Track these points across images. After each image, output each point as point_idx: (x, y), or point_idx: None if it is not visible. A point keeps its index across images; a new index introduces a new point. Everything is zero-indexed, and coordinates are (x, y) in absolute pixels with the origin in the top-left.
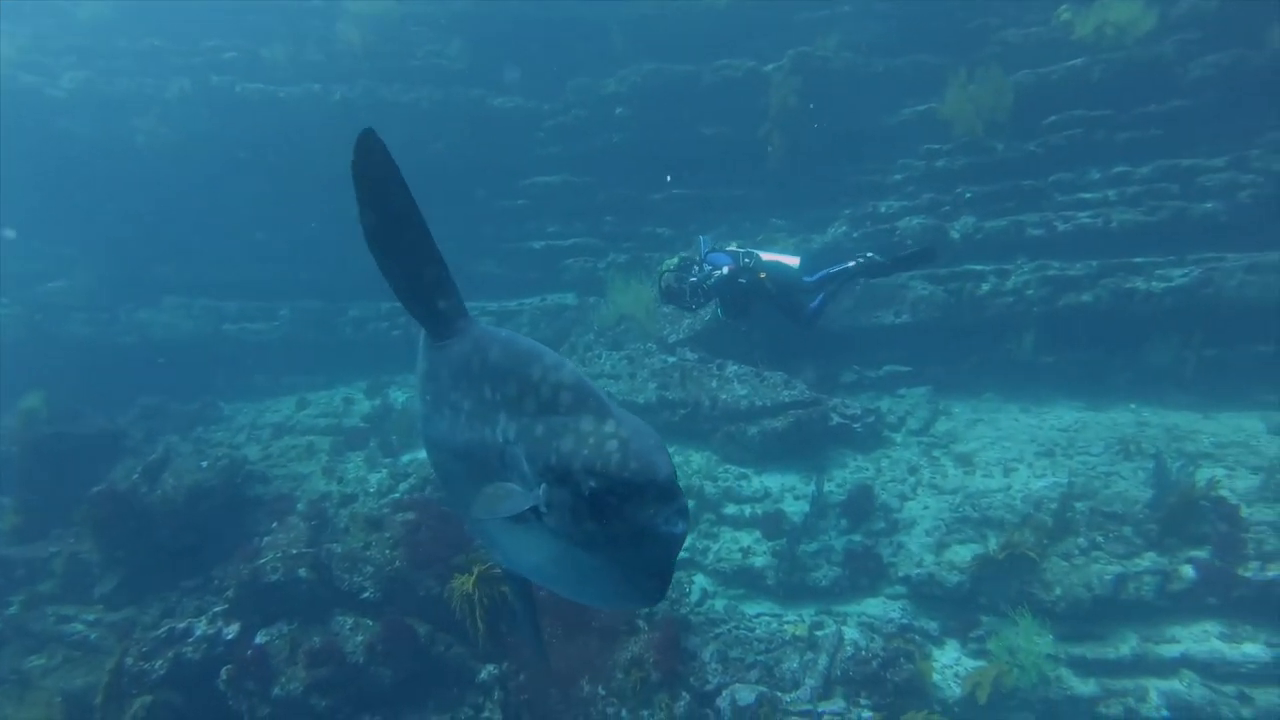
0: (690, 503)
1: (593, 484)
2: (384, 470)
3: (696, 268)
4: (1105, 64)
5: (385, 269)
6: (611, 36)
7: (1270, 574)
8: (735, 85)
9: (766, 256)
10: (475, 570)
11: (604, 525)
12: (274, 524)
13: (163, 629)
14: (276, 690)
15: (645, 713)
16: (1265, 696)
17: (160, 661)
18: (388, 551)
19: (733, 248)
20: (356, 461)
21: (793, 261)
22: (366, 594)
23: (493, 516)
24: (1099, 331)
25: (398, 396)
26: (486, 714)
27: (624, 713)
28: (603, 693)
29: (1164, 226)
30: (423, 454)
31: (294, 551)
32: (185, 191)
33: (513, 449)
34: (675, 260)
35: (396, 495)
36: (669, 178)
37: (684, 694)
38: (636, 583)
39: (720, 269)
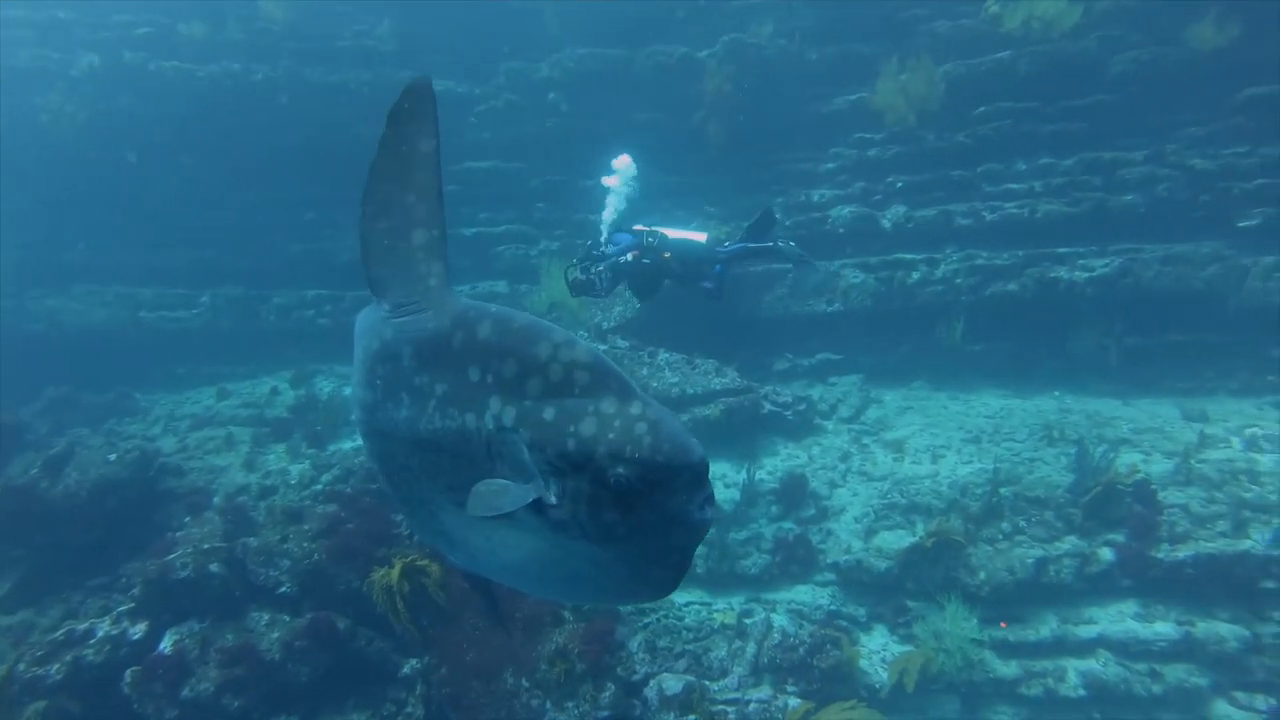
0: None
1: (621, 470)
2: (307, 461)
3: (601, 252)
4: (1032, 57)
5: (371, 223)
6: (545, 20)
7: (1180, 555)
8: (669, 71)
9: (672, 234)
10: (398, 562)
11: (628, 515)
12: (187, 518)
13: (61, 631)
14: (185, 692)
15: (570, 704)
16: (1174, 673)
17: (57, 666)
18: (307, 544)
19: (638, 227)
20: (279, 453)
21: (700, 237)
22: (284, 589)
23: (491, 513)
24: (1025, 320)
25: (324, 386)
26: (409, 709)
27: (548, 704)
28: (527, 685)
29: (1087, 217)
30: (349, 445)
31: (206, 546)
32: (96, 174)
33: (508, 436)
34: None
35: (319, 487)
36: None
37: (610, 684)
38: (647, 576)
39: (625, 251)
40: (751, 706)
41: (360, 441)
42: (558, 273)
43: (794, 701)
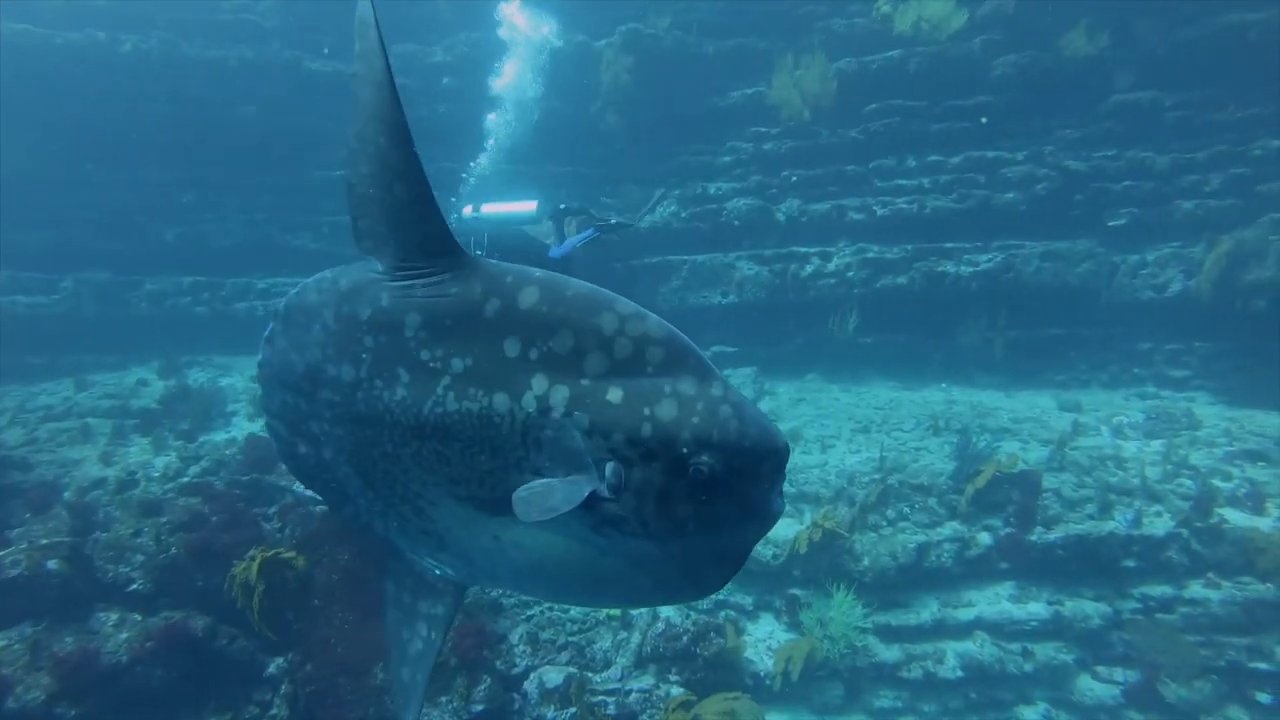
0: None
1: (705, 458)
2: (173, 454)
3: None
4: (921, 57)
5: (355, 167)
6: (439, 4)
7: (1052, 537)
8: (566, 59)
9: (490, 209)
10: (258, 555)
11: (704, 508)
12: (28, 515)
13: None
14: (10, 703)
15: (444, 699)
16: (1044, 651)
17: None
18: (164, 538)
19: (466, 210)
20: (142, 445)
21: (528, 206)
22: (136, 586)
23: (545, 517)
24: (915, 314)
25: (199, 376)
26: (274, 711)
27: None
28: None
29: (972, 214)
30: (222, 436)
31: (45, 542)
32: None
33: (556, 421)
34: None
35: (186, 480)
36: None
37: (485, 678)
38: (701, 574)
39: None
40: (632, 696)
41: (233, 433)
42: None
43: (676, 690)
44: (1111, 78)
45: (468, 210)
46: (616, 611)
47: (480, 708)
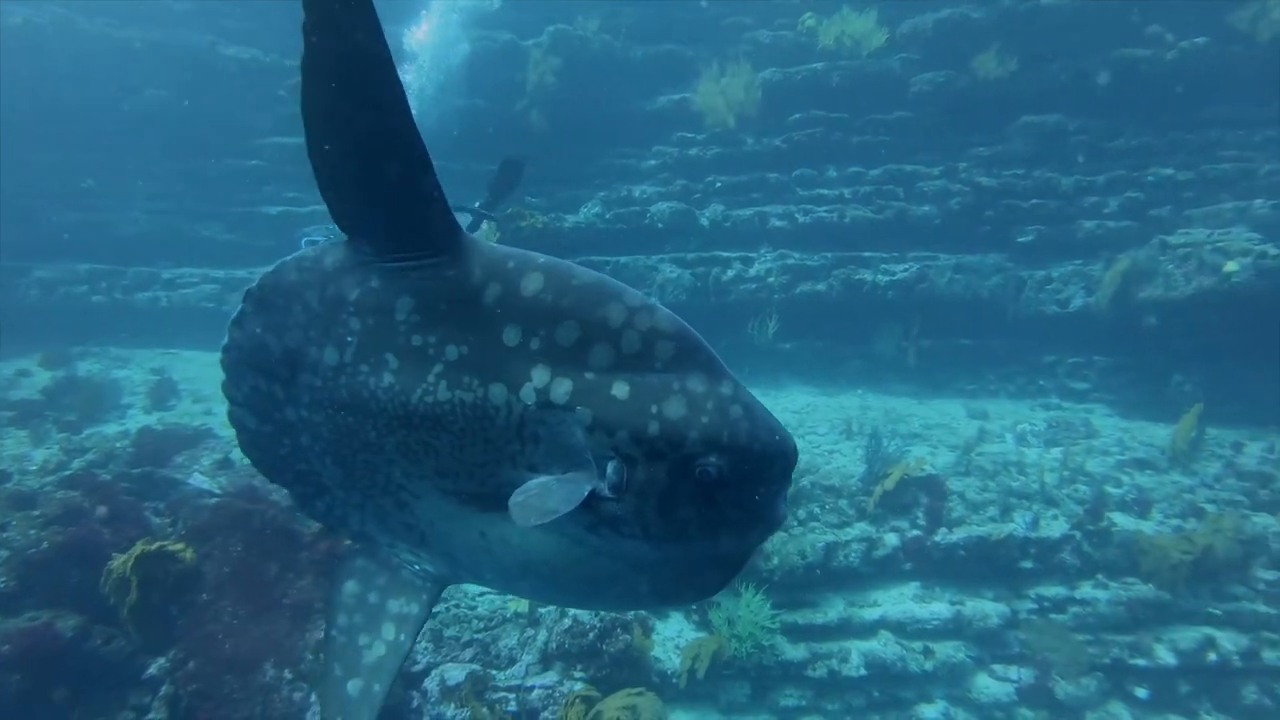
0: None
1: (714, 459)
2: (55, 447)
3: None
4: (843, 71)
5: (319, 142)
6: None
7: (954, 538)
8: (492, 57)
9: None
10: (139, 547)
11: (708, 510)
12: None
13: None
14: None
15: None
16: (943, 649)
17: None
18: (34, 532)
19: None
20: (19, 438)
21: None
22: None
23: (543, 520)
24: (833, 321)
25: (90, 368)
26: (152, 715)
27: (312, 697)
28: (289, 676)
29: (889, 225)
30: (114, 428)
31: None
32: None
33: (556, 415)
34: None
35: (68, 473)
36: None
37: None
38: (699, 579)
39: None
40: (535, 693)
41: (127, 426)
42: None
43: (578, 686)
44: (1020, 99)
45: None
46: (524, 608)
47: None
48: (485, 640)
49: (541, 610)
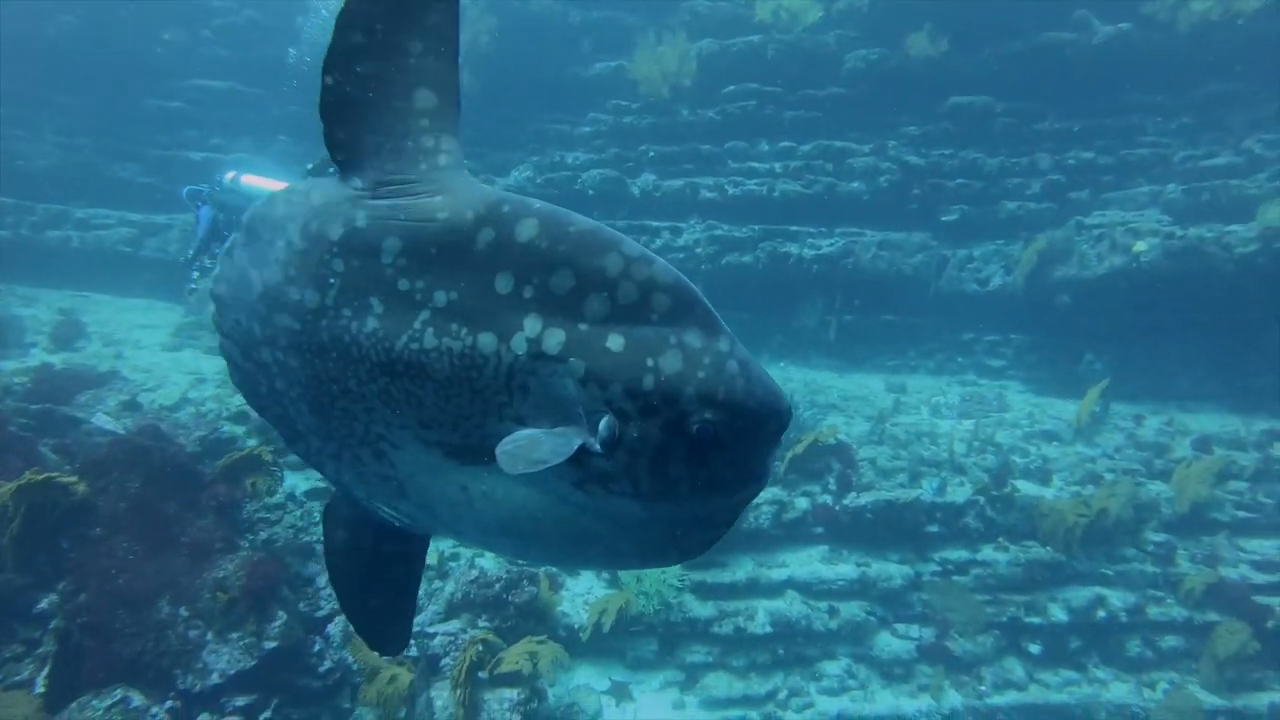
0: None
1: (709, 415)
2: None
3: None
4: (779, 45)
5: (346, 62)
6: None
7: (862, 501)
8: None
9: (251, 180)
10: (28, 476)
11: (700, 468)
12: None
13: None
14: None
15: (235, 635)
16: (848, 609)
17: None
18: None
19: (229, 174)
20: None
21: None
22: None
23: (530, 469)
24: (759, 293)
25: None
26: (43, 649)
27: (209, 635)
28: (185, 614)
29: (818, 200)
30: (13, 364)
31: None
32: None
33: (547, 366)
34: None
35: None
36: None
37: (280, 614)
38: (685, 539)
39: (207, 229)
40: (437, 639)
41: (28, 363)
42: None
43: (482, 634)
44: (949, 80)
45: (230, 176)
46: (433, 562)
47: (274, 644)
48: None
49: (450, 563)
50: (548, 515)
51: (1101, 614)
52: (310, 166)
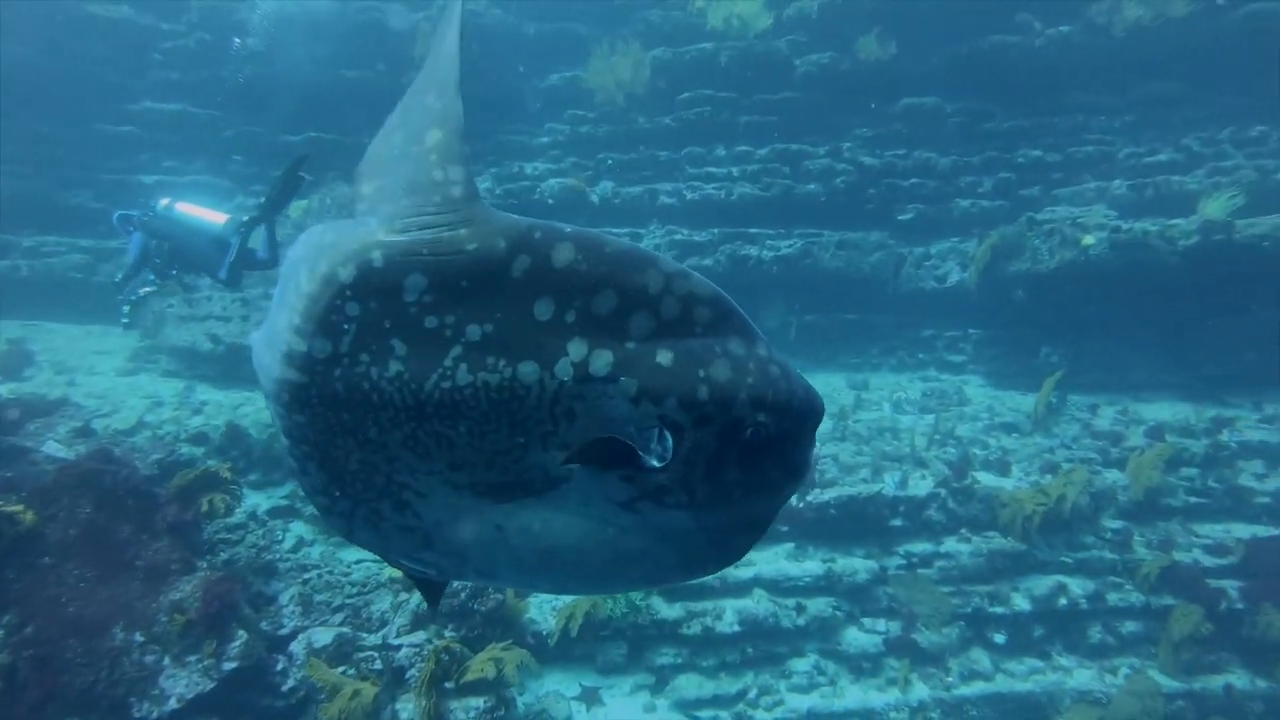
0: None
1: (761, 419)
2: None
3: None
4: (731, 51)
5: (386, 136)
6: None
7: (826, 497)
8: (381, 29)
9: (185, 209)
10: None
11: (752, 471)
12: None
13: None
14: None
15: (193, 658)
16: (815, 605)
17: None
18: None
19: (164, 201)
20: None
21: (217, 219)
22: None
23: (598, 462)
24: None
25: None
26: None
27: (166, 660)
28: (141, 639)
29: (776, 202)
30: None
31: None
32: None
33: (596, 389)
34: None
35: None
36: None
37: (240, 634)
38: (729, 544)
39: (138, 254)
40: (403, 651)
41: None
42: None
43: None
44: (900, 82)
45: (164, 202)
46: (399, 575)
47: (234, 665)
48: (357, 604)
49: None
50: (590, 541)
51: (1063, 602)
52: (244, 220)
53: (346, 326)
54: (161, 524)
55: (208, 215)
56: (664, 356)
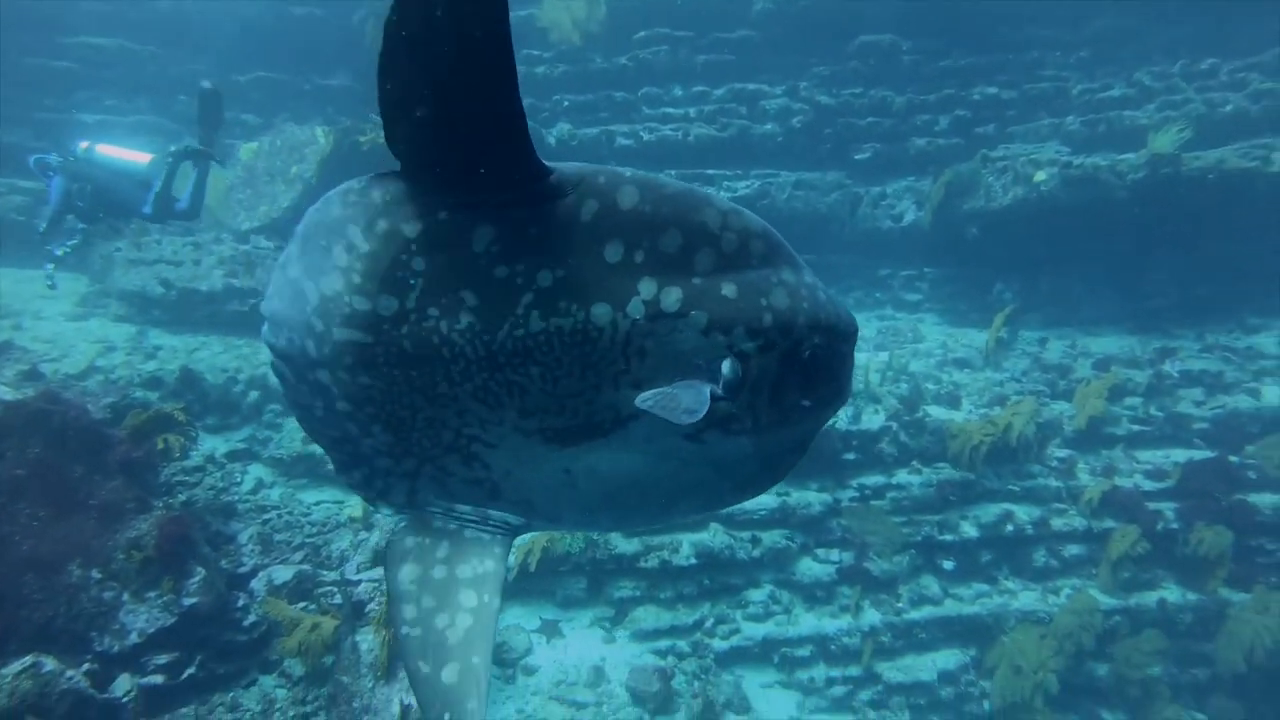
0: (254, 394)
1: (818, 340)
2: None
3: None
4: None
5: (437, 68)
6: None
7: None
8: None
9: (104, 150)
10: None
11: (809, 390)
12: None
13: None
14: None
15: (152, 594)
16: (770, 537)
17: None
18: None
19: (83, 144)
20: None
21: (141, 158)
22: None
23: (690, 417)
24: None
25: None
26: None
27: (125, 596)
28: (99, 576)
29: (733, 142)
30: None
31: None
32: None
33: (667, 324)
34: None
35: None
36: None
37: (198, 570)
38: (780, 465)
39: (59, 197)
40: (361, 586)
41: None
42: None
43: None
44: (857, 19)
45: (84, 145)
46: (359, 514)
47: (194, 600)
48: (317, 543)
49: (377, 515)
50: (653, 477)
51: (1009, 528)
52: (173, 150)
53: (413, 282)
54: (114, 464)
55: (130, 156)
56: (728, 289)
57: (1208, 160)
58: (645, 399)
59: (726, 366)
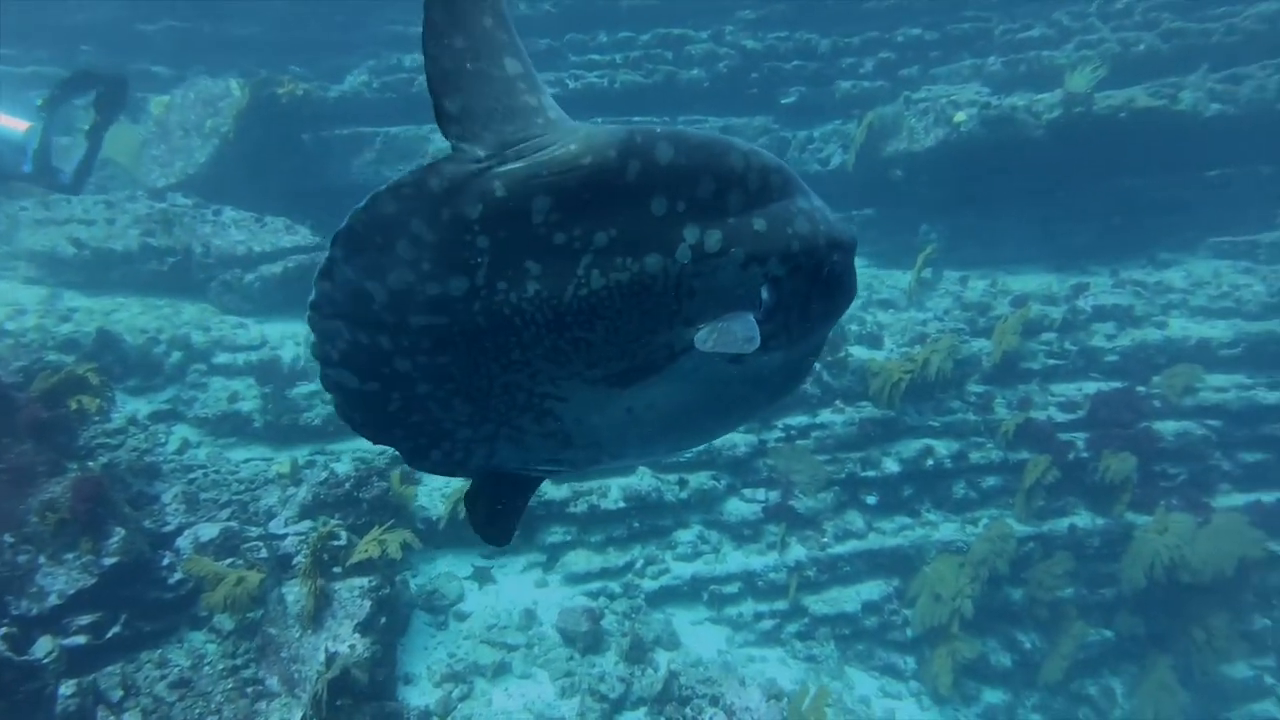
0: (177, 354)
1: (836, 257)
2: None
3: None
4: None
5: (441, 40)
6: None
7: None
8: None
9: None
10: None
11: (829, 300)
12: None
13: None
14: None
15: (70, 555)
16: (697, 479)
17: None
18: None
19: None
20: None
21: (18, 125)
22: None
23: (748, 346)
24: None
25: None
26: None
27: (41, 558)
28: (11, 540)
29: (659, 89)
30: None
31: None
32: None
33: (712, 264)
34: None
35: None
36: None
37: (116, 530)
38: (802, 369)
39: None
40: (288, 540)
41: None
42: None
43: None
44: None
45: None
46: (286, 470)
47: (115, 560)
48: (245, 500)
49: (305, 470)
50: (701, 400)
51: (930, 462)
52: (41, 102)
53: (479, 260)
54: (23, 427)
55: (11, 124)
56: (759, 223)
57: (1119, 99)
58: (704, 340)
59: (765, 293)
